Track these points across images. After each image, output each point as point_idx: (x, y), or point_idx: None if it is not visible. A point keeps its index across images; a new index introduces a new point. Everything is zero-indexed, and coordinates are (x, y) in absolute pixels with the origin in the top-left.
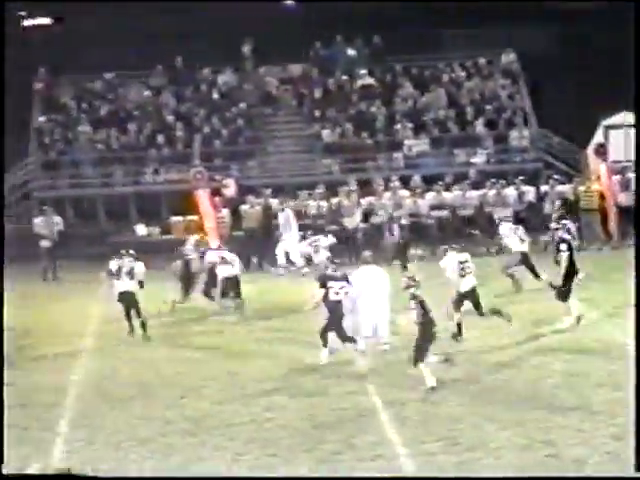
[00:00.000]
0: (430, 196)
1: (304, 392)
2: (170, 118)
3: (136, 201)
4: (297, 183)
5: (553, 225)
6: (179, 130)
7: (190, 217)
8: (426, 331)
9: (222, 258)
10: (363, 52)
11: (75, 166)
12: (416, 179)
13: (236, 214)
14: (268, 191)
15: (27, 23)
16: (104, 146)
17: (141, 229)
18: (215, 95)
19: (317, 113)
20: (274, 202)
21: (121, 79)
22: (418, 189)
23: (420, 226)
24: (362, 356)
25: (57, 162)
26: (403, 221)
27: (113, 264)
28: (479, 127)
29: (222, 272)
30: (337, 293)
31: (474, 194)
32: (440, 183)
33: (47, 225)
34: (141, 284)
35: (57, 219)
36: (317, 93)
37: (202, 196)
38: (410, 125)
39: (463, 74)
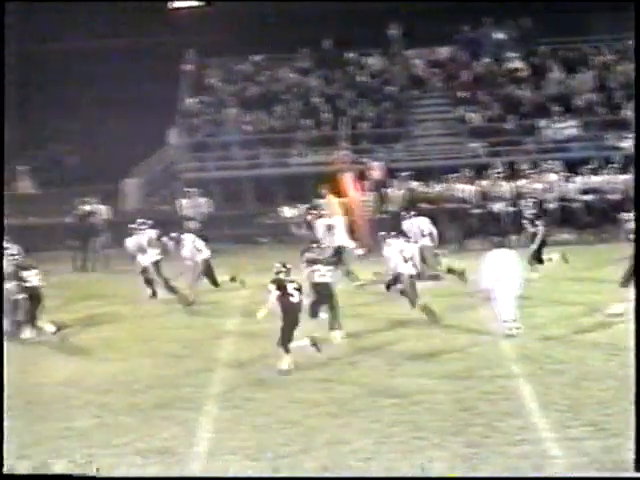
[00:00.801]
0: (579, 180)
1: (451, 375)
2: (317, 100)
3: (283, 183)
4: (443, 166)
5: (625, 216)
6: (326, 112)
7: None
8: (288, 317)
9: None
10: (511, 35)
11: (223, 148)
12: (557, 163)
13: (382, 197)
14: (409, 174)
15: (176, 4)
16: (251, 128)
17: (287, 211)
18: (362, 78)
19: (464, 96)
20: (418, 185)
21: (269, 61)
22: (566, 173)
23: (569, 210)
24: (506, 339)
25: (205, 144)
26: (551, 205)
27: (130, 241)
28: (628, 111)
29: None
30: (323, 275)
31: (621, 178)
32: (588, 167)
33: (193, 207)
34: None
35: (202, 201)
36: (464, 76)
37: (348, 179)
38: (558, 108)
39: (612, 57)
